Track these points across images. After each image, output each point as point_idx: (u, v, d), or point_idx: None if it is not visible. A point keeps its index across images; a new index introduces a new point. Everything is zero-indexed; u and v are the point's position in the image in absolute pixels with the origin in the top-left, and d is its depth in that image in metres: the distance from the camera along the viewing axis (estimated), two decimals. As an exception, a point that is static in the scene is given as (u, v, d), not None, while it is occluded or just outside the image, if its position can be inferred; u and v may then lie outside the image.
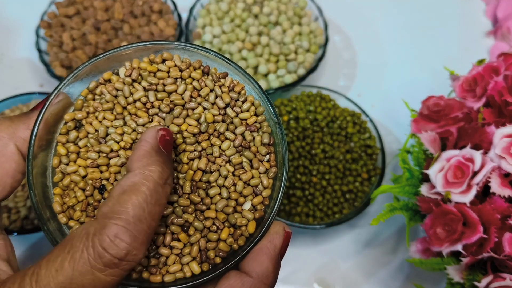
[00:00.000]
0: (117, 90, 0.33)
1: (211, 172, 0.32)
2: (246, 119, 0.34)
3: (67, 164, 0.32)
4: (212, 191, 0.32)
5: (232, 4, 0.61)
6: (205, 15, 0.60)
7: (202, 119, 0.33)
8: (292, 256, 0.53)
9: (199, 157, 0.32)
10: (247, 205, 0.32)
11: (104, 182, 0.31)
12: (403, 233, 0.55)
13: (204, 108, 0.33)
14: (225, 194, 0.32)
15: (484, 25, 0.70)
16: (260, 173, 0.33)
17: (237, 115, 0.34)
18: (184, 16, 0.60)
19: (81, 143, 0.32)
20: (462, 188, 0.37)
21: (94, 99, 0.33)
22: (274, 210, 0.32)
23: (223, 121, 0.33)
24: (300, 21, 0.61)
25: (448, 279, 0.39)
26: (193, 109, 0.33)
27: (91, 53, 0.55)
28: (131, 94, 0.33)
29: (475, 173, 0.38)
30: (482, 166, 0.37)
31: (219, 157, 0.33)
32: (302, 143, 0.52)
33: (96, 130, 0.32)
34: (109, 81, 0.34)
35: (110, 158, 0.31)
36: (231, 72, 0.35)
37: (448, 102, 0.44)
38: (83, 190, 0.31)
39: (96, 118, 0.32)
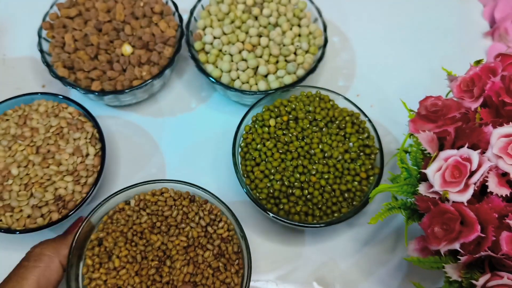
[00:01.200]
0: (129, 216, 0.48)
1: (197, 275, 0.46)
2: (221, 234, 0.48)
3: (93, 272, 0.45)
4: None
5: (232, 5, 0.61)
6: (205, 17, 0.60)
7: (189, 235, 0.47)
8: (292, 255, 0.54)
9: (188, 264, 0.46)
10: None
11: (120, 283, 0.44)
12: (401, 232, 0.55)
13: (191, 227, 0.48)
14: None
15: (481, 26, 0.70)
16: (232, 273, 0.46)
17: (214, 232, 0.48)
18: (185, 17, 0.60)
19: (102, 256, 0.46)
20: (460, 187, 0.38)
21: (112, 223, 0.48)
22: None
23: (204, 236, 0.48)
24: (300, 22, 0.61)
25: (446, 278, 0.39)
26: (183, 228, 0.48)
27: (93, 54, 0.56)
28: (138, 218, 0.48)
29: (472, 173, 0.38)
30: (479, 166, 0.38)
31: (202, 263, 0.46)
32: (301, 143, 0.52)
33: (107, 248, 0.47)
34: (123, 209, 0.48)
35: (118, 270, 0.45)
36: (210, 198, 0.49)
37: (446, 102, 0.44)
38: None
39: (112, 238, 0.47)
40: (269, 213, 0.49)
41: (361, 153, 0.52)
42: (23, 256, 0.52)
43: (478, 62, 0.46)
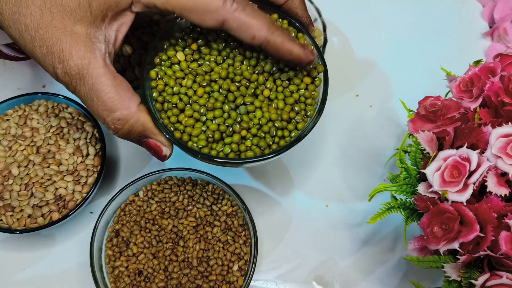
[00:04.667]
0: (139, 206, 0.52)
1: (209, 250, 0.50)
2: (226, 210, 0.51)
3: (114, 261, 0.49)
4: (211, 262, 0.49)
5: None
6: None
7: (197, 215, 0.51)
8: (291, 254, 0.54)
9: (199, 241, 0.50)
10: (235, 267, 0.50)
11: (140, 267, 0.49)
12: (400, 232, 0.55)
13: (198, 208, 0.51)
14: (219, 262, 0.49)
15: (480, 26, 0.70)
16: (240, 244, 0.50)
17: (219, 209, 0.51)
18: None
19: (121, 245, 0.50)
20: (459, 187, 0.38)
21: (125, 215, 0.52)
22: (253, 267, 0.48)
23: (211, 214, 0.51)
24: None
25: (445, 277, 0.39)
26: (190, 210, 0.52)
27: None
28: (148, 206, 0.52)
29: (471, 173, 0.38)
30: (478, 166, 0.38)
31: (212, 238, 0.50)
32: (223, 66, 0.42)
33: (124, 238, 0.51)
34: (133, 200, 0.52)
35: (137, 256, 0.50)
36: (211, 180, 0.51)
37: (445, 102, 0.44)
38: (128, 276, 0.49)
39: (127, 228, 0.51)
40: (217, 159, 0.40)
41: None
42: (24, 256, 0.52)
43: (477, 62, 0.46)
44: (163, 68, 0.42)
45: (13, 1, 0.34)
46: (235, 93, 0.41)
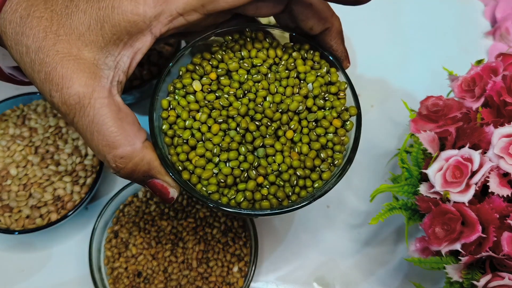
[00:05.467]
0: (138, 207, 0.52)
1: (208, 251, 0.49)
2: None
3: (113, 262, 0.49)
4: (211, 263, 0.49)
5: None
6: None
7: (197, 216, 0.52)
8: (291, 255, 0.54)
9: (199, 242, 0.50)
10: (235, 268, 0.49)
11: (140, 269, 0.49)
12: (402, 233, 0.55)
13: (197, 209, 0.53)
14: (219, 263, 0.49)
15: (482, 26, 0.70)
16: (240, 245, 0.50)
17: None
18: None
19: (120, 246, 0.50)
20: (461, 187, 0.37)
21: (124, 215, 0.51)
22: (253, 269, 0.48)
23: (210, 215, 0.52)
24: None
25: (447, 278, 0.39)
26: (190, 211, 0.52)
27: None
28: (147, 207, 0.52)
29: (473, 173, 0.38)
30: (480, 166, 0.38)
31: (211, 240, 0.50)
32: (243, 101, 0.36)
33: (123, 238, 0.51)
34: (132, 201, 0.52)
35: (136, 257, 0.50)
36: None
37: (447, 102, 0.44)
38: (127, 277, 0.48)
39: (126, 229, 0.51)
40: (227, 208, 0.34)
41: (326, 94, 0.38)
42: (22, 256, 0.52)
43: (479, 61, 0.46)
44: (176, 97, 0.37)
45: (18, 21, 0.31)
46: (254, 133, 0.36)
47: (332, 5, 0.36)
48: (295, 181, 0.35)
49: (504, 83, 0.41)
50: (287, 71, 0.38)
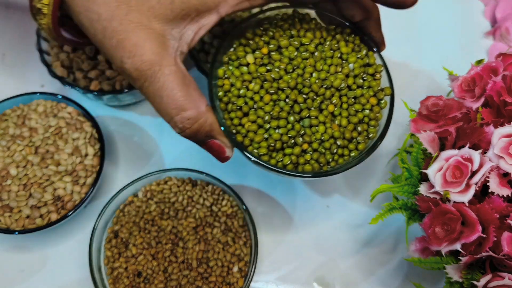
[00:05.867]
0: (138, 207, 0.52)
1: (208, 251, 0.49)
2: (225, 211, 0.51)
3: (113, 262, 0.49)
4: (211, 263, 0.49)
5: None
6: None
7: (197, 216, 0.51)
8: (291, 255, 0.54)
9: (199, 242, 0.49)
10: (236, 268, 0.49)
11: (140, 269, 0.48)
12: (402, 232, 0.55)
13: (197, 209, 0.51)
14: (219, 263, 0.49)
15: (482, 26, 0.70)
16: (240, 245, 0.50)
17: (219, 210, 0.51)
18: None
19: (120, 246, 0.50)
20: (461, 187, 0.38)
21: (124, 215, 0.51)
22: (253, 269, 0.48)
23: (211, 215, 0.51)
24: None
25: (447, 278, 0.39)
26: (190, 210, 0.51)
27: (91, 53, 0.55)
28: (147, 207, 0.52)
29: (473, 173, 0.38)
30: (480, 166, 0.38)
31: (211, 239, 0.50)
32: (292, 76, 0.40)
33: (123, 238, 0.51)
34: (132, 201, 0.52)
35: (136, 257, 0.49)
36: (211, 180, 0.51)
37: (447, 102, 0.44)
38: (127, 277, 0.48)
39: (126, 229, 0.50)
40: (275, 168, 0.39)
41: (364, 75, 0.43)
42: (22, 256, 0.52)
43: (479, 61, 0.46)
44: (230, 67, 0.41)
45: None
46: (301, 104, 0.40)
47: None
48: (335, 150, 0.40)
49: (504, 83, 0.41)
50: (331, 51, 0.42)
